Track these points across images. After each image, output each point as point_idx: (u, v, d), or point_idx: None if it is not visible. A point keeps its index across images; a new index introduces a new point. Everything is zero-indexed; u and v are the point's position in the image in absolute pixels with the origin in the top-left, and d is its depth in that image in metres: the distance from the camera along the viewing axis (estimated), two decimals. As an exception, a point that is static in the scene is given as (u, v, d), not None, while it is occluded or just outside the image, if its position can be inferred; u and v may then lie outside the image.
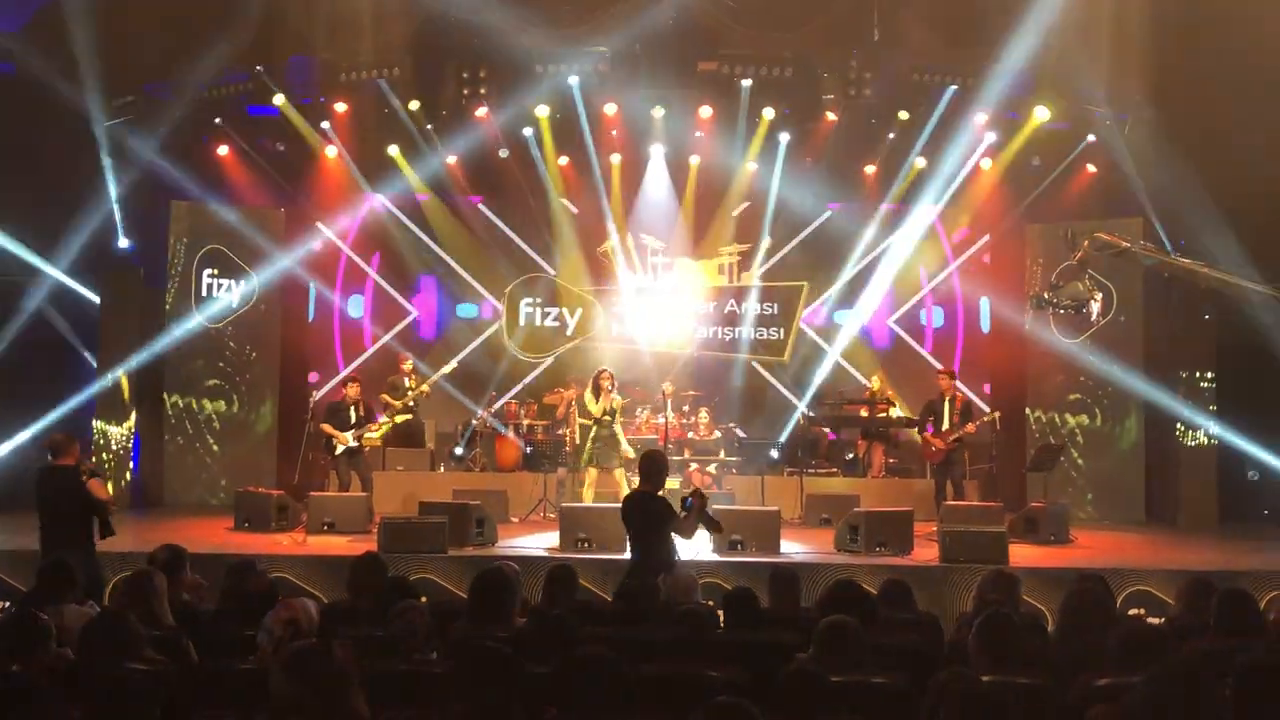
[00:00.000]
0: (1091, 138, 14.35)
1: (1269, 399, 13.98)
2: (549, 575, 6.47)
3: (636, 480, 8.41)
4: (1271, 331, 12.88)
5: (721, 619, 5.90)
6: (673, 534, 7.62)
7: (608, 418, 12.04)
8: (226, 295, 15.30)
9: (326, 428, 12.52)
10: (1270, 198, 13.01)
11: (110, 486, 13.01)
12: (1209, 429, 14.15)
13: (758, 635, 5.51)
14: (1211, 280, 10.68)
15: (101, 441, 14.15)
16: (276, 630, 4.75)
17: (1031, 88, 13.91)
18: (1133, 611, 9.14)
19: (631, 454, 12.11)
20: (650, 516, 7.63)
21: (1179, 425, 14.30)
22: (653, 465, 7.88)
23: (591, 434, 12.22)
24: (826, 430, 15.72)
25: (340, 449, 12.53)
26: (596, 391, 12.17)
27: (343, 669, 3.82)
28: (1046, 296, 9.85)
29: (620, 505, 8.09)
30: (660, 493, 7.84)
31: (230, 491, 12.46)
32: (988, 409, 14.42)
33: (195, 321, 15.05)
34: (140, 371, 14.46)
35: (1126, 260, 10.41)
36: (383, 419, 13.31)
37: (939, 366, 14.27)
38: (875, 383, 15.01)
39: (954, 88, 14.16)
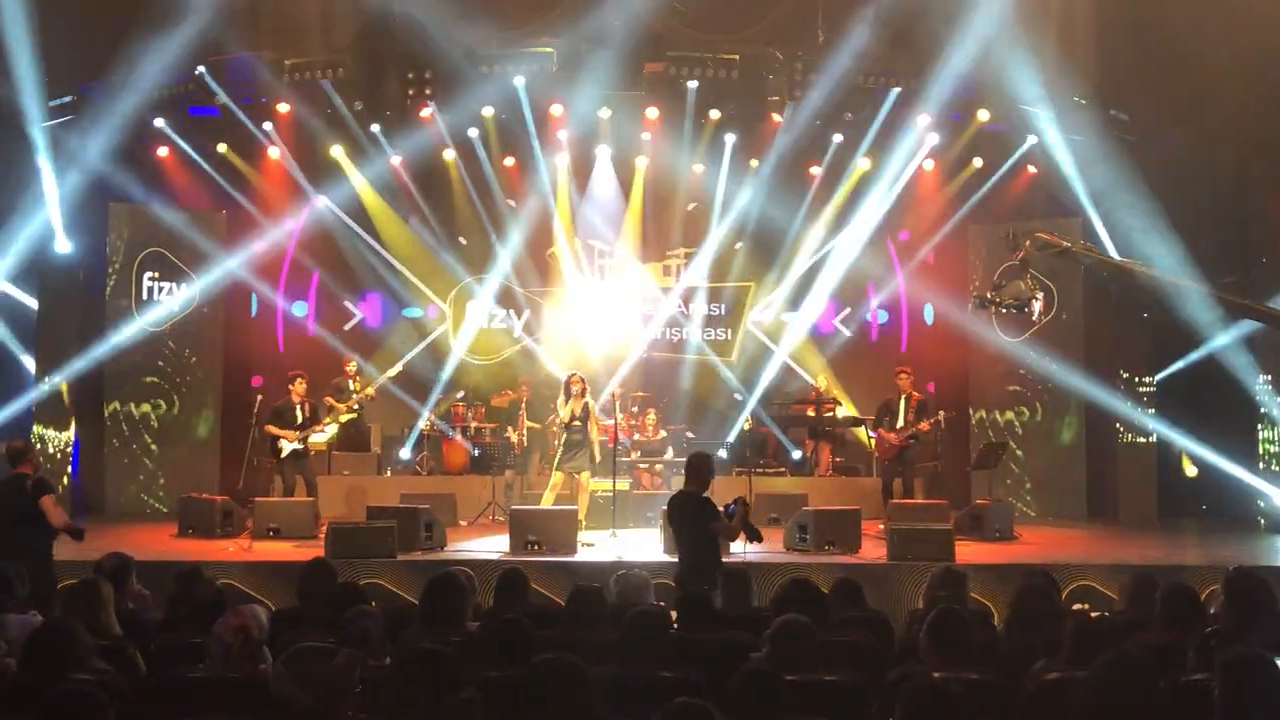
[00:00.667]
0: (1033, 139, 14.53)
1: (1206, 397, 14.26)
2: (500, 579, 6.45)
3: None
4: (1208, 330, 13.14)
5: (675, 619, 5.92)
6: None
7: (577, 422, 11.88)
8: (168, 299, 15.08)
9: (271, 429, 12.34)
10: (1208, 198, 13.31)
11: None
12: (1147, 426, 14.40)
13: (712, 635, 5.53)
14: (1149, 280, 10.86)
15: (41, 448, 13.89)
16: (227, 638, 4.70)
17: (974, 90, 14.06)
18: (1076, 606, 9.26)
19: (599, 458, 12.09)
20: (693, 518, 7.65)
21: (1119, 423, 14.54)
22: (697, 466, 7.86)
23: (561, 439, 12.09)
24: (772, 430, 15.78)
25: (286, 449, 12.34)
26: (567, 395, 12.02)
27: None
28: (989, 296, 9.96)
29: (666, 506, 8.03)
30: (706, 494, 7.82)
31: (173, 498, 12.29)
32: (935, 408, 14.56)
33: (136, 325, 14.79)
34: (80, 376, 14.22)
35: (1067, 260, 10.53)
36: (327, 420, 13.12)
37: (900, 365, 14.26)
38: (822, 381, 15.11)
39: (897, 90, 14.28)
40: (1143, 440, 14.49)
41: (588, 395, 12.17)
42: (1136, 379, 14.62)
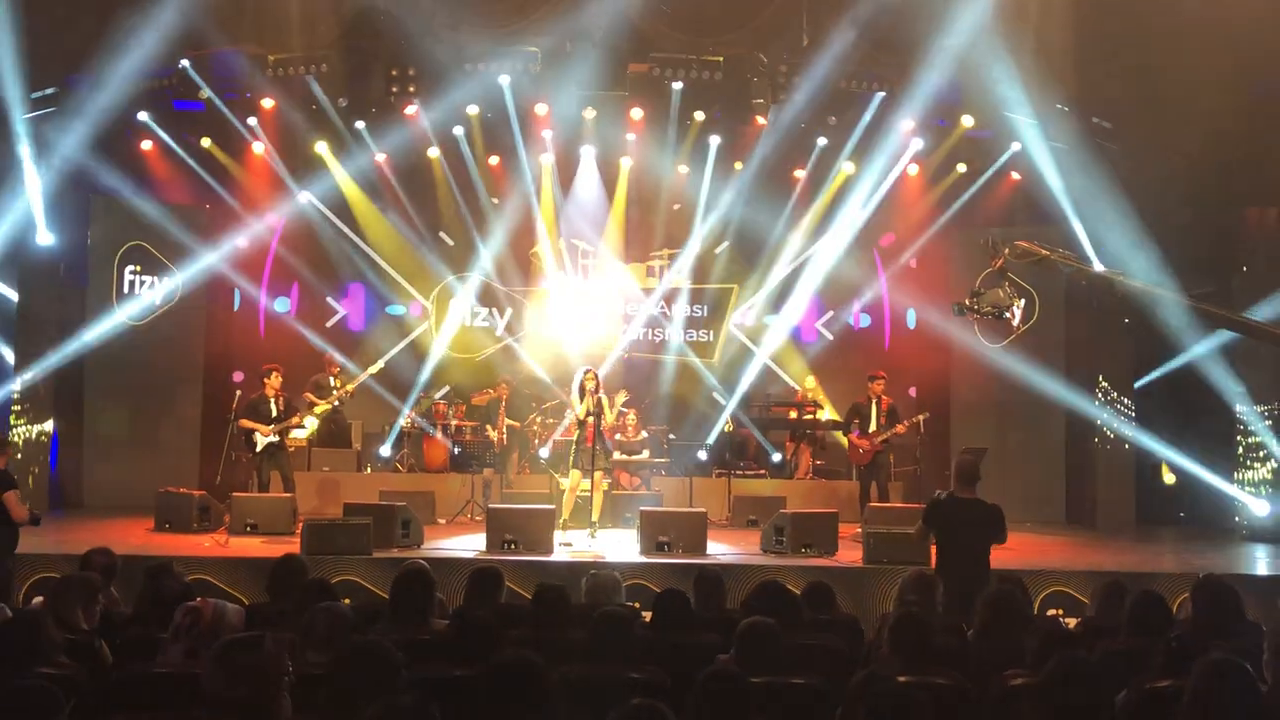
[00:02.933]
0: (1016, 145, 14.58)
1: (1184, 405, 14.33)
2: (472, 576, 6.43)
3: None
4: (1186, 339, 13.20)
5: (648, 620, 5.92)
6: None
7: (590, 419, 11.68)
8: (149, 293, 15.02)
9: (246, 423, 12.26)
10: (1188, 207, 13.37)
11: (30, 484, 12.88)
12: (1126, 434, 14.47)
13: (681, 637, 5.53)
14: (1127, 289, 10.89)
15: (19, 441, 13.84)
16: (178, 617, 4.67)
17: (958, 95, 14.09)
18: (1051, 612, 9.31)
19: (614, 455, 11.94)
20: (972, 525, 7.40)
21: (1098, 429, 14.61)
22: (970, 467, 7.65)
23: (575, 436, 11.84)
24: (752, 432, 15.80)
25: (261, 443, 12.24)
26: (581, 392, 11.68)
27: (273, 663, 3.78)
28: (967, 303, 9.96)
29: (926, 509, 7.72)
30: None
31: (151, 492, 12.24)
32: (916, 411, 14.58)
33: (117, 319, 14.75)
34: (59, 370, 14.16)
35: (1046, 268, 10.56)
36: (304, 416, 12.99)
37: (872, 371, 14.27)
38: (810, 383, 15.12)
39: (882, 94, 14.31)
40: (1121, 447, 14.55)
41: (601, 391, 11.86)
42: (1115, 386, 14.68)
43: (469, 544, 10.88)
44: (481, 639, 4.76)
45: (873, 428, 12.92)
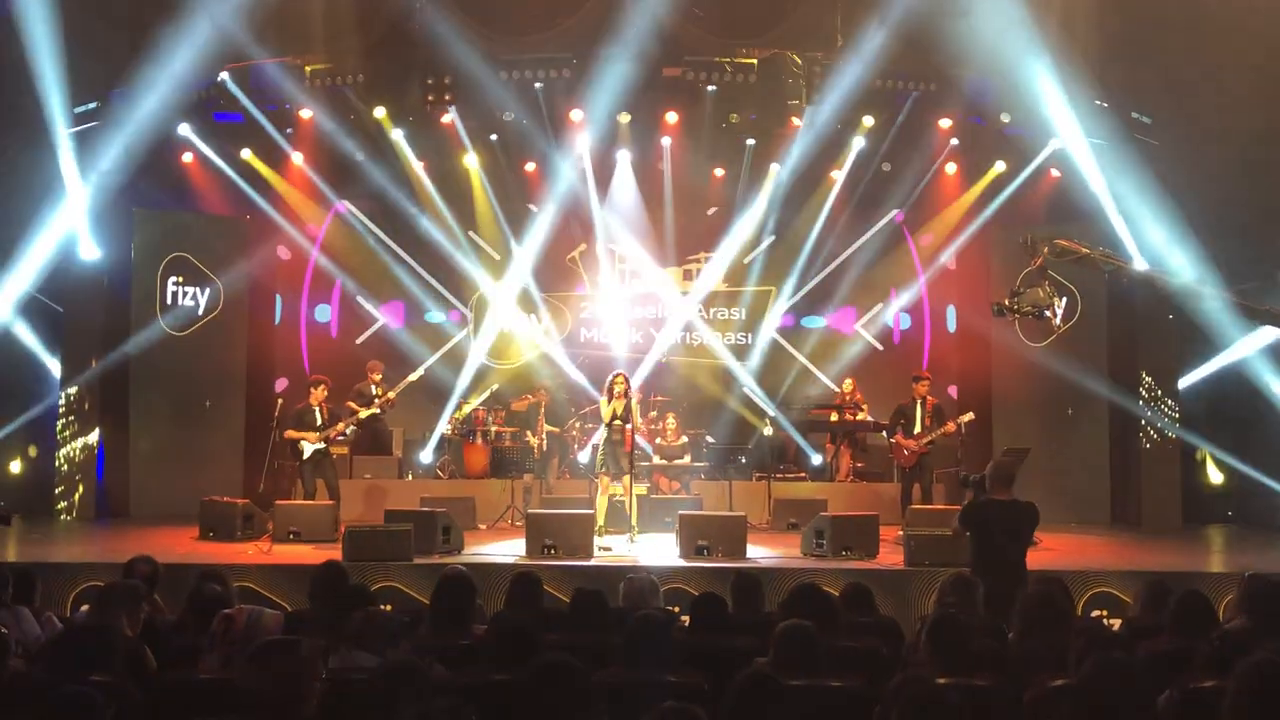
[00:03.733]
0: (1055, 142, 14.46)
1: (1230, 403, 14.14)
2: (513, 582, 6.45)
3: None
4: (1231, 336, 13.03)
5: (687, 623, 5.91)
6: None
7: (618, 422, 11.64)
8: (191, 303, 15.18)
9: (292, 433, 12.37)
10: (1229, 202, 13.19)
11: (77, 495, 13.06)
12: (1171, 433, 14.28)
13: (718, 640, 5.52)
14: (1168, 287, 10.77)
15: (66, 452, 14.05)
16: (214, 625, 4.74)
17: (995, 93, 14.00)
18: (1094, 613, 9.22)
19: (654, 459, 11.87)
20: (1009, 526, 7.40)
21: (1142, 428, 14.43)
22: (1005, 468, 7.66)
23: (603, 438, 11.80)
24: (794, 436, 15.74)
25: (309, 450, 12.34)
26: (609, 395, 11.71)
27: (308, 666, 3.84)
28: (1007, 303, 9.86)
29: (962, 511, 7.74)
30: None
31: (195, 501, 12.37)
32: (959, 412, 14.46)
33: (160, 329, 14.92)
34: (105, 380, 14.37)
35: (1086, 266, 10.44)
36: (346, 424, 13.04)
37: (917, 371, 14.16)
38: (848, 385, 15.05)
39: (917, 93, 14.24)
40: (1166, 447, 14.36)
41: (631, 395, 11.84)
42: (1160, 385, 14.50)
43: (509, 549, 10.92)
44: (521, 643, 4.77)
45: (918, 429, 12.85)
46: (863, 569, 9.85)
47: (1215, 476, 14.81)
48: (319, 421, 12.39)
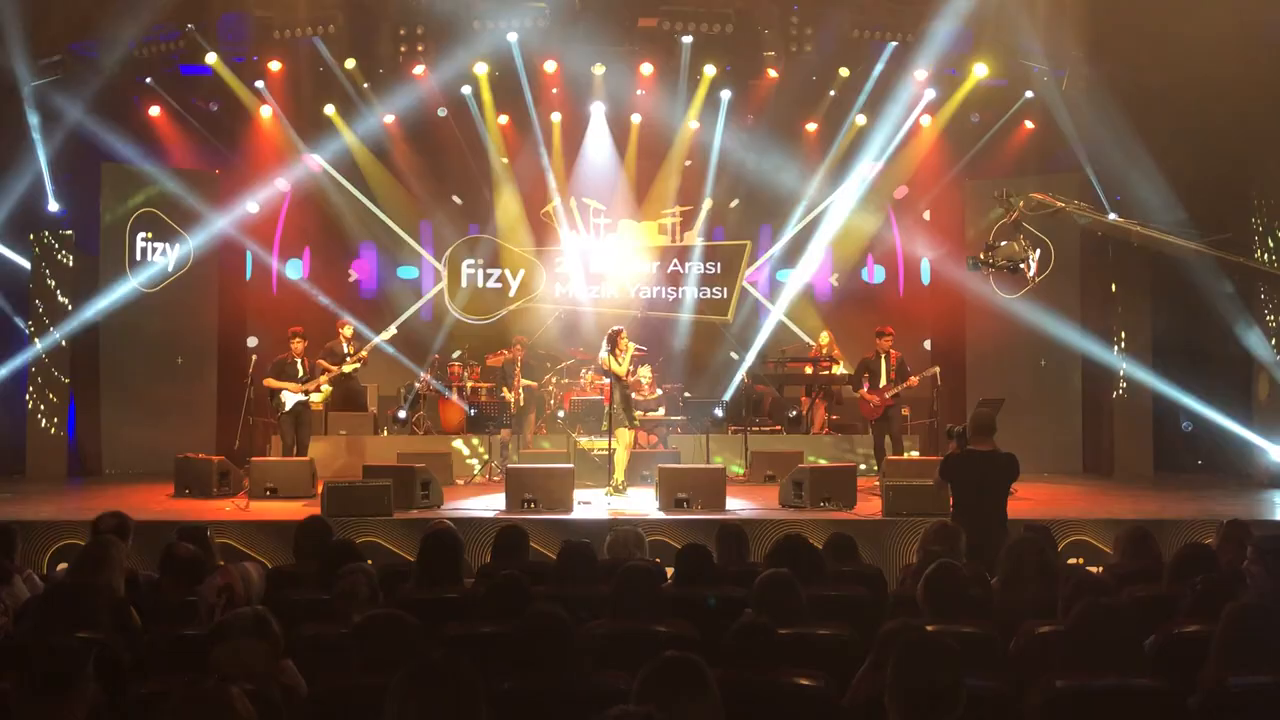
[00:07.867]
0: (1029, 94, 14.45)
1: (1202, 351, 14.25)
2: (499, 536, 6.45)
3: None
4: (1203, 286, 13.11)
5: (670, 575, 5.92)
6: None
7: (632, 377, 11.55)
8: (161, 259, 15.00)
9: (272, 382, 12.26)
10: (1204, 153, 13.21)
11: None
12: (1142, 381, 14.39)
13: (705, 591, 5.53)
14: (1143, 238, 10.81)
15: (37, 410, 13.90)
16: (210, 598, 4.70)
17: (970, 44, 13.96)
18: (1071, 561, 9.29)
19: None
20: (989, 476, 7.36)
21: (1115, 378, 14.55)
22: (985, 419, 7.61)
23: (616, 393, 11.50)
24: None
25: (290, 401, 12.23)
26: (614, 349, 11.37)
27: (271, 639, 3.85)
28: (981, 257, 9.89)
29: (942, 464, 7.70)
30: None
31: (169, 458, 12.26)
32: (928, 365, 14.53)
33: (129, 286, 14.73)
34: (74, 338, 14.20)
35: (1061, 219, 10.49)
36: (321, 379, 12.93)
37: (880, 326, 14.19)
38: (825, 339, 15.05)
39: (894, 44, 14.18)
40: (1138, 396, 14.48)
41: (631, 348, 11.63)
42: (1132, 335, 14.58)
43: (488, 504, 10.92)
44: (510, 596, 4.77)
45: (883, 382, 12.90)
46: (841, 519, 9.90)
47: (1185, 425, 14.90)
48: (300, 374, 12.29)
